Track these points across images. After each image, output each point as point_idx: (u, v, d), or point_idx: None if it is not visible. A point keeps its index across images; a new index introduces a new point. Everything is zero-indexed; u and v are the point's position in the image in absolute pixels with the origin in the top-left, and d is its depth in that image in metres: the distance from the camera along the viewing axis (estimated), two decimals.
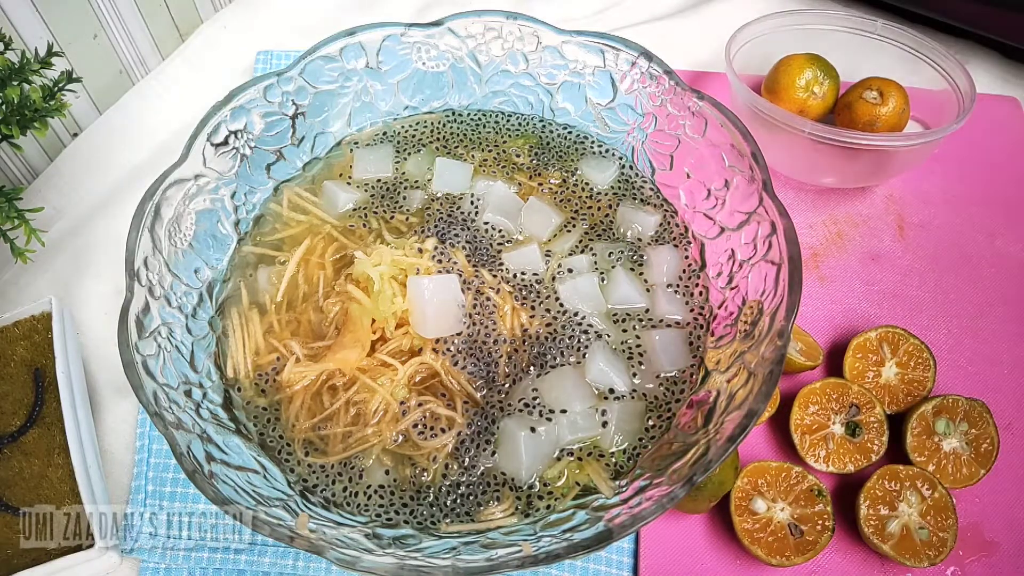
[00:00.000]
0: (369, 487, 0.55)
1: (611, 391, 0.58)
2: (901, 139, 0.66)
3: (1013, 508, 0.62)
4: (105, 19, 0.77)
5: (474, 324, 0.59)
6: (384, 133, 0.71)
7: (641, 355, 0.59)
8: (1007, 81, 0.87)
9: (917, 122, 0.74)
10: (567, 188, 0.68)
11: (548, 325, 0.60)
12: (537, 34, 0.68)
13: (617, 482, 0.54)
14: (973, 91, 0.70)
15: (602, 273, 0.63)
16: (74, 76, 0.63)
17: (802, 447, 0.62)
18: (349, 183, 0.68)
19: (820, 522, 0.58)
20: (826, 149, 0.67)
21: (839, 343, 0.69)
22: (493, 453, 0.55)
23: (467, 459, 0.55)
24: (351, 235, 0.65)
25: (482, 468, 0.55)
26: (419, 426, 0.56)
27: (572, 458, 0.56)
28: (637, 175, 0.69)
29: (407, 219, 0.66)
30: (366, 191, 0.68)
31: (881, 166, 0.70)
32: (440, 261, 0.61)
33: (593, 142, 0.71)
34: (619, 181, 0.69)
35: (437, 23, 0.67)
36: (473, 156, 0.70)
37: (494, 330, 0.59)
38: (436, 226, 0.64)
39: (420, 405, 0.56)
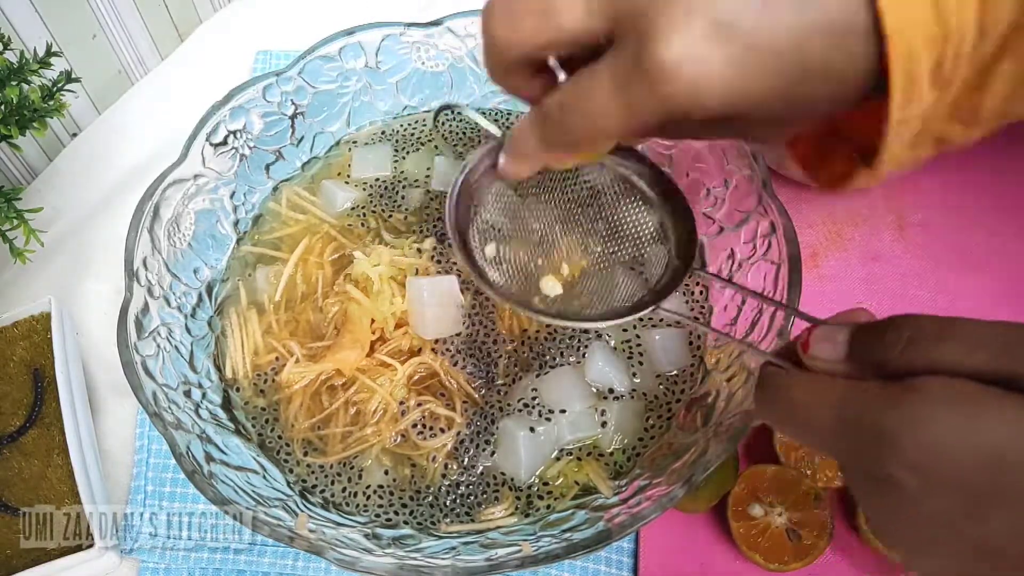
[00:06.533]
0: (368, 487, 0.55)
1: (611, 391, 0.58)
2: None
3: None
4: (104, 19, 0.77)
5: (473, 324, 0.59)
6: (383, 132, 0.71)
7: (641, 355, 0.59)
8: None
9: None
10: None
11: (547, 325, 0.60)
12: None
13: (616, 482, 0.54)
14: None
15: None
16: (73, 76, 0.63)
17: (788, 464, 0.60)
18: (347, 182, 0.68)
19: (818, 527, 0.58)
20: None
21: None
22: (492, 453, 0.55)
23: (466, 459, 0.55)
24: (349, 234, 0.65)
25: (481, 468, 0.55)
26: (418, 426, 0.56)
27: (571, 458, 0.56)
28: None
29: (405, 218, 0.66)
30: (364, 190, 0.68)
31: None
32: (439, 261, 0.61)
33: None
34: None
35: (436, 23, 0.67)
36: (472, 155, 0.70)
37: (493, 330, 0.59)
38: (435, 226, 0.64)
39: (419, 405, 0.56)
